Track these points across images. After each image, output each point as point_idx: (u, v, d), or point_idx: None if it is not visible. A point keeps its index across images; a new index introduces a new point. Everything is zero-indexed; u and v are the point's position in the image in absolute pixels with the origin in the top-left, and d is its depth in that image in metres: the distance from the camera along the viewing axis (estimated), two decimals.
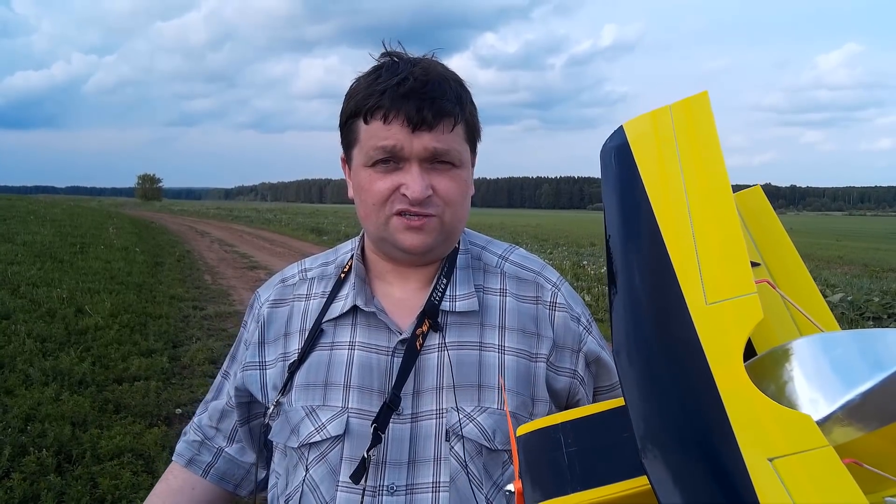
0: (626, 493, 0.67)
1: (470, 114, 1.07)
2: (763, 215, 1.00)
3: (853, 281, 14.41)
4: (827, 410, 0.60)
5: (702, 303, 0.67)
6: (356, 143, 1.06)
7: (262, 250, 18.43)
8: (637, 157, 0.85)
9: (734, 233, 0.72)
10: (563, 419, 0.77)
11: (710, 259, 0.71)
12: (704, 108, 0.86)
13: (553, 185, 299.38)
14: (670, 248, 0.73)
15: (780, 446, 0.55)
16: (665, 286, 0.71)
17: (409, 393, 1.06)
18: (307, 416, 1.08)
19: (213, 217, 42.19)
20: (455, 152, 1.04)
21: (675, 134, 0.85)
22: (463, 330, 1.09)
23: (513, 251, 1.21)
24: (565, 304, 1.14)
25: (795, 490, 0.51)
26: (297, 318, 1.16)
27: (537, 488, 0.71)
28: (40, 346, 6.03)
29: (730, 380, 0.60)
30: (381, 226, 1.06)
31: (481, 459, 1.04)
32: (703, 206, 0.76)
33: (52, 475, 3.68)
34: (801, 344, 0.68)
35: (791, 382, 0.65)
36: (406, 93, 1.00)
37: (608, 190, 0.86)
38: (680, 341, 0.66)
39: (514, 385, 1.07)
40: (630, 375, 0.67)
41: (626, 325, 0.72)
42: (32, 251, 12.77)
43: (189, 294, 10.12)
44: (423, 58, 1.07)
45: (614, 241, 0.80)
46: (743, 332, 0.64)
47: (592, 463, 0.71)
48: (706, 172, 0.79)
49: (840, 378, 0.62)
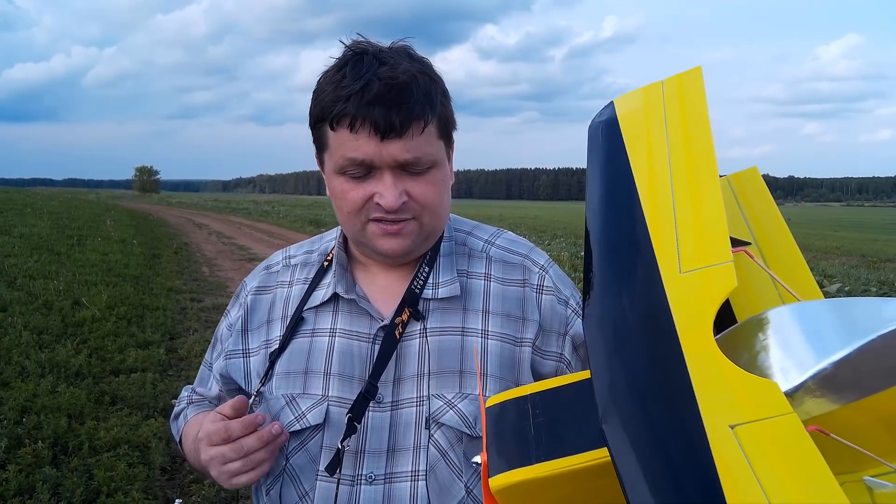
0: (590, 463, 0.66)
1: (442, 106, 1.03)
2: (758, 196, 0.99)
3: (851, 271, 14.45)
4: (798, 380, 0.59)
5: (675, 272, 0.67)
6: (326, 148, 1.04)
7: (260, 242, 18.41)
8: (624, 131, 0.84)
9: (715, 205, 0.71)
10: (533, 390, 0.76)
11: (687, 230, 0.70)
12: (696, 83, 0.85)
13: (551, 176, 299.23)
14: (649, 218, 0.73)
15: (742, 413, 0.54)
16: (640, 256, 0.70)
17: (389, 381, 1.05)
18: (287, 404, 1.07)
19: (211, 209, 42.16)
20: (427, 157, 1.01)
21: (664, 108, 0.84)
22: (445, 316, 1.08)
23: (500, 235, 1.19)
24: (553, 287, 1.13)
25: (755, 457, 0.50)
26: (280, 304, 1.15)
27: (501, 458, 0.70)
28: (37, 338, 6.02)
29: (696, 346, 0.59)
30: (358, 232, 1.06)
31: (461, 447, 1.03)
32: (687, 180, 0.75)
33: (48, 467, 3.67)
34: (776, 313, 0.66)
35: (764, 352, 0.64)
36: (371, 100, 0.96)
37: (592, 162, 0.85)
38: (650, 308, 0.65)
39: (498, 370, 1.06)
40: (596, 341, 0.66)
41: (596, 292, 0.71)
42: (29, 243, 12.74)
43: (186, 286, 10.10)
44: (390, 48, 1.03)
45: (593, 211, 0.79)
46: (716, 299, 0.63)
47: (559, 434, 0.70)
48: (692, 146, 0.79)
49: (813, 347, 0.60)
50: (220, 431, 0.97)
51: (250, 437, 0.97)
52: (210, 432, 0.98)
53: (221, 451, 0.97)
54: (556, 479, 0.67)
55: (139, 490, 3.55)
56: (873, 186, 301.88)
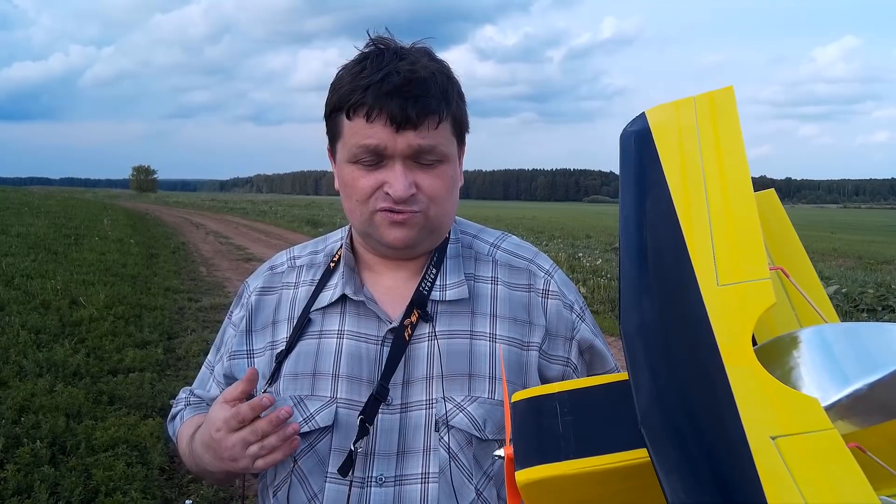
0: (622, 464, 0.66)
1: (456, 107, 1.05)
2: (775, 218, 1.01)
3: (848, 273, 14.46)
4: (833, 398, 0.60)
5: (713, 284, 0.67)
6: (340, 137, 1.04)
7: (257, 242, 18.39)
8: (657, 142, 0.85)
9: (751, 223, 0.72)
10: (560, 389, 0.76)
11: (724, 243, 0.71)
12: (729, 101, 0.87)
13: (549, 177, 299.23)
14: (685, 229, 0.73)
15: (784, 426, 0.54)
16: (678, 266, 0.70)
17: (398, 383, 1.05)
18: (295, 406, 1.06)
19: (208, 209, 42.09)
20: (440, 148, 1.02)
21: (697, 123, 0.85)
22: (453, 319, 1.08)
23: (505, 239, 1.20)
24: (558, 292, 1.13)
25: (797, 469, 0.51)
26: (286, 306, 1.15)
27: (529, 453, 0.70)
28: (34, 338, 6.00)
29: (737, 358, 0.60)
30: (365, 221, 1.05)
31: (471, 450, 1.04)
32: (722, 196, 0.76)
33: (46, 466, 3.66)
34: (810, 332, 0.68)
35: (797, 368, 0.65)
36: (390, 91, 0.97)
37: (626, 172, 0.85)
38: (689, 318, 0.65)
39: (507, 374, 1.06)
40: (637, 349, 0.66)
41: (635, 299, 0.71)
42: (26, 243, 12.69)
43: (184, 286, 10.09)
44: (412, 47, 1.05)
45: (628, 221, 0.79)
46: (753, 313, 0.64)
47: (588, 432, 0.70)
48: (727, 162, 0.79)
49: (848, 367, 0.62)
50: (235, 415, 0.96)
51: (262, 421, 0.96)
52: (226, 419, 0.97)
53: (242, 436, 0.96)
54: (585, 478, 0.67)
55: (137, 490, 3.54)
56: (870, 188, 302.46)
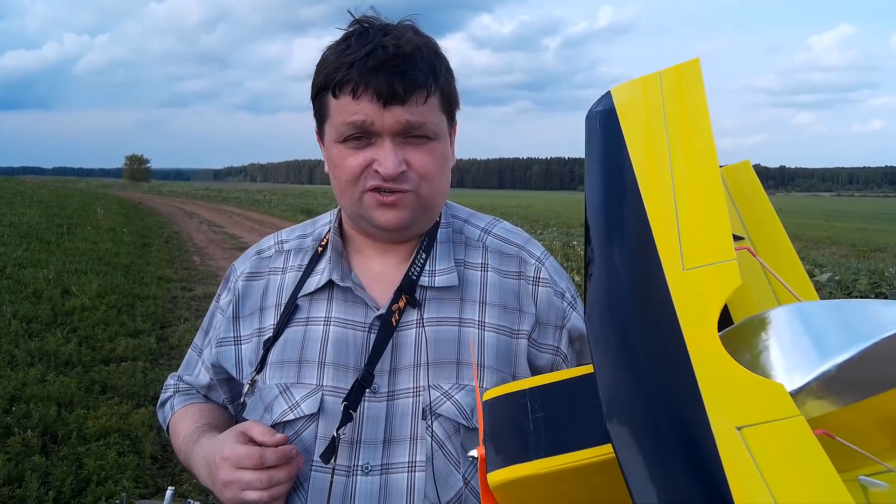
0: (591, 460, 0.65)
1: (445, 82, 1.03)
2: (750, 190, 0.98)
3: (841, 261, 14.52)
4: (801, 381, 0.58)
5: (679, 268, 0.66)
6: (327, 117, 1.02)
7: (251, 231, 18.32)
8: (623, 123, 0.82)
9: (717, 201, 0.70)
10: (532, 384, 0.75)
11: (690, 226, 0.69)
12: (695, 75, 0.84)
13: (543, 166, 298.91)
14: (651, 214, 0.72)
15: (749, 415, 0.53)
16: (642, 251, 0.69)
17: (385, 370, 1.03)
18: (281, 393, 1.05)
19: (201, 198, 41.91)
20: (430, 124, 1.00)
21: (663, 100, 0.83)
22: (442, 305, 1.07)
23: (496, 224, 1.17)
24: (549, 280, 1.11)
25: (762, 459, 0.50)
26: (273, 292, 1.13)
27: (500, 453, 0.69)
28: (26, 327, 5.99)
29: (702, 346, 0.59)
30: (355, 202, 1.03)
31: (459, 438, 1.02)
32: (688, 174, 0.74)
33: (38, 455, 3.66)
34: (777, 313, 0.66)
35: (766, 352, 0.63)
36: (375, 65, 0.95)
37: (591, 154, 0.83)
38: (654, 305, 0.64)
39: (494, 362, 1.05)
40: (600, 338, 0.65)
41: (599, 288, 0.70)
42: (18, 232, 12.63)
43: (177, 275, 10.06)
44: (397, 24, 1.02)
45: (593, 205, 0.78)
46: (719, 297, 0.62)
47: (559, 429, 0.69)
48: (692, 140, 0.77)
49: (816, 349, 0.60)
50: (252, 456, 0.94)
51: (281, 470, 0.94)
52: (241, 455, 0.94)
53: (248, 479, 0.93)
54: (556, 476, 0.66)
55: (129, 479, 3.54)
56: (864, 176, 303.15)
